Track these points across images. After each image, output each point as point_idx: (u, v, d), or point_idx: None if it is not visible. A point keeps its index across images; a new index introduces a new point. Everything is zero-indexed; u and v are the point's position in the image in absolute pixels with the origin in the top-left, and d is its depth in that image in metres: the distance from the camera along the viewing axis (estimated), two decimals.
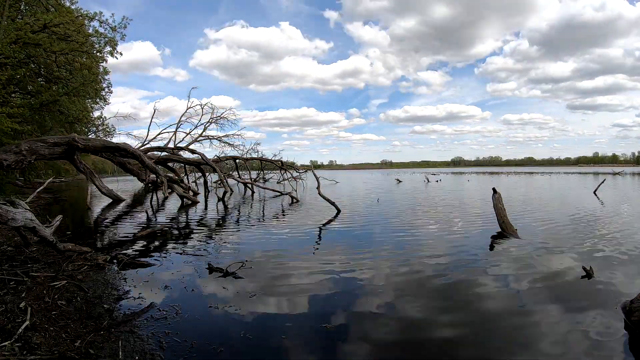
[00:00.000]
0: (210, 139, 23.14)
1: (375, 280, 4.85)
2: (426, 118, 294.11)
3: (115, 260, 5.49)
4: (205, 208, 13.94)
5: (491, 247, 6.76)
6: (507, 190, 19.99)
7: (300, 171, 29.10)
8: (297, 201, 15.05)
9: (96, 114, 21.33)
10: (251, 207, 14.31)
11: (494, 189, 8.21)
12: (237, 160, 24.25)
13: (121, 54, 17.72)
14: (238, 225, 9.70)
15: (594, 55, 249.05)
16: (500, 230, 7.78)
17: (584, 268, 4.82)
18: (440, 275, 5.01)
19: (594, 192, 17.57)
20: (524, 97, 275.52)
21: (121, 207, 14.31)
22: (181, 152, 20.44)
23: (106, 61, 18.62)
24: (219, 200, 16.42)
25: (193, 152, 19.89)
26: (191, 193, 16.75)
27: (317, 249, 6.79)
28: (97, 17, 16.38)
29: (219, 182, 21.46)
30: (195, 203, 14.90)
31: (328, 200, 11.70)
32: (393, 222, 9.81)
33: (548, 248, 6.44)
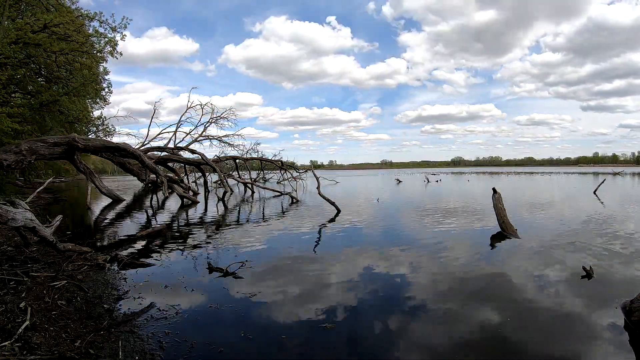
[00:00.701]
0: (210, 138, 23.17)
1: (375, 280, 4.85)
2: (442, 117, 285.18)
3: (115, 260, 5.49)
4: (205, 208, 13.93)
5: (491, 248, 6.76)
6: (507, 190, 19.97)
7: (300, 171, 29.12)
8: (297, 201, 15.06)
9: (96, 113, 21.34)
10: (251, 207, 14.31)
11: (493, 189, 8.21)
12: (237, 160, 24.24)
13: (121, 54, 17.75)
14: (238, 225, 9.70)
15: (618, 59, 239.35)
16: (500, 230, 7.78)
17: (584, 268, 4.83)
18: (438, 276, 5.01)
19: (594, 192, 17.59)
20: (539, 98, 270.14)
21: (121, 207, 14.31)
22: (181, 152, 20.43)
23: (106, 61, 18.68)
24: (219, 200, 16.41)
25: (193, 152, 19.89)
26: (191, 193, 16.74)
27: (317, 248, 6.79)
28: (97, 17, 16.40)
29: (219, 182, 21.45)
30: (195, 203, 14.89)
31: (328, 200, 11.70)
32: (393, 222, 9.81)
33: (548, 248, 6.44)
